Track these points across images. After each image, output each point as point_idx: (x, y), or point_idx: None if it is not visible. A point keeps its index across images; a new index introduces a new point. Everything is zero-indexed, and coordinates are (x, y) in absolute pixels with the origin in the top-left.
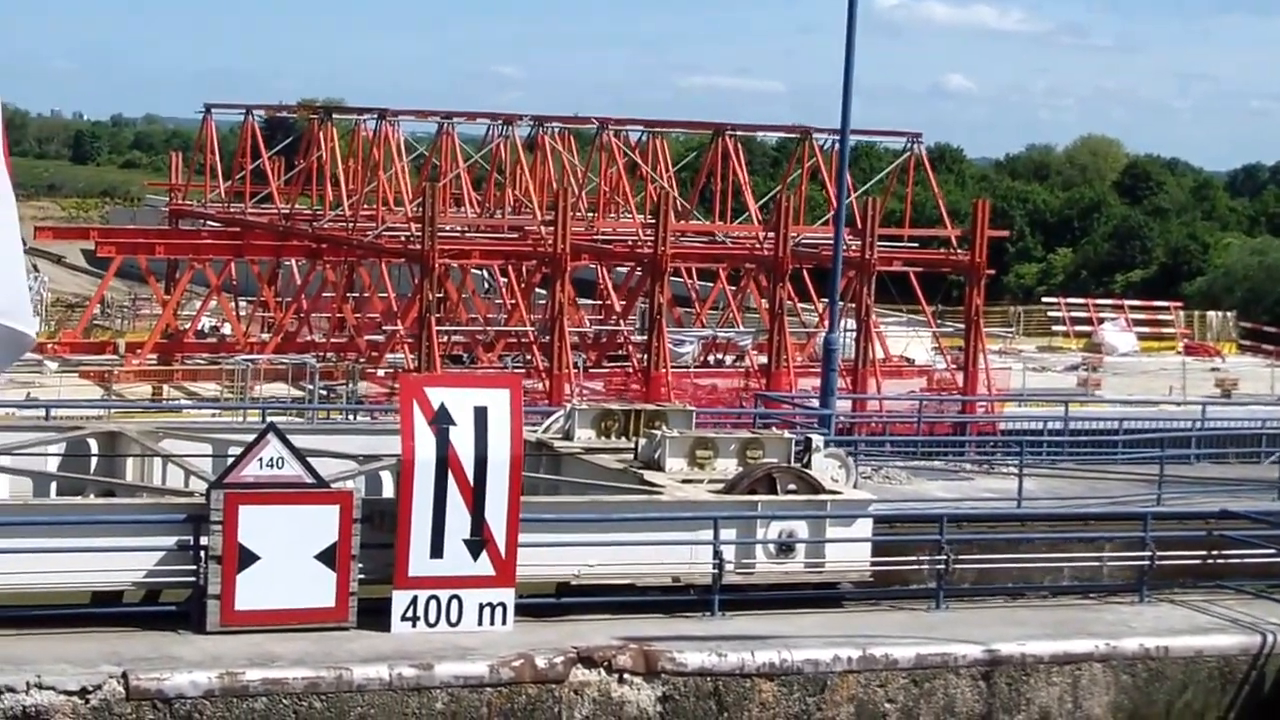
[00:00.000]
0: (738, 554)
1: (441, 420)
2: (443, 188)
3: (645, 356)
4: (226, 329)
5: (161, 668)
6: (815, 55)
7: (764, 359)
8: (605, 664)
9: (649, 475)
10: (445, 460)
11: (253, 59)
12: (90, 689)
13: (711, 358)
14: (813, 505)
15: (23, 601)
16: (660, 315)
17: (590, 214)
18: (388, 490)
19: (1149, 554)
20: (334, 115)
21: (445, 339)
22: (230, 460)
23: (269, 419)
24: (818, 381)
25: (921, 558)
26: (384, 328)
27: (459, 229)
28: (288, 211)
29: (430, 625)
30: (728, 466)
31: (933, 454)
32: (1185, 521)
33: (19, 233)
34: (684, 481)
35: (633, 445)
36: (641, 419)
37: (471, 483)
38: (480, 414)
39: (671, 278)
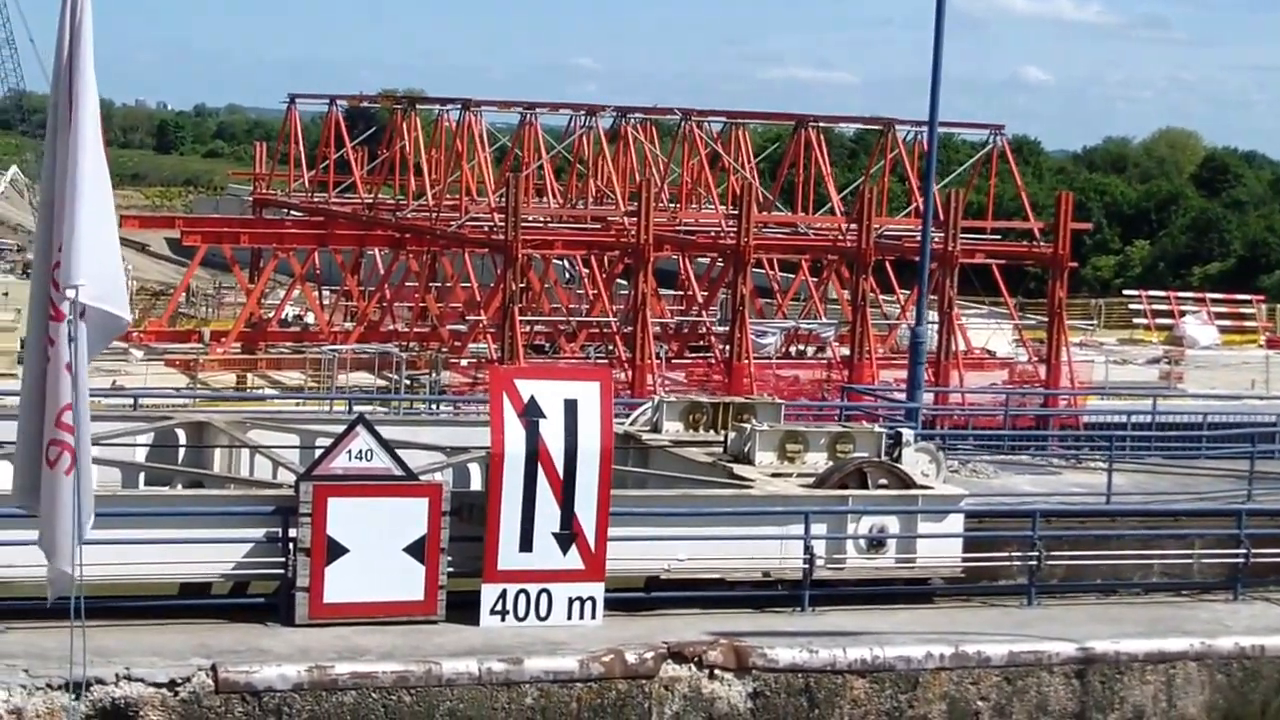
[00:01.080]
0: (828, 549)
1: (531, 413)
2: (525, 178)
3: (728, 347)
4: (310, 318)
5: (250, 660)
6: (891, 47)
7: (846, 350)
8: (696, 659)
9: (738, 469)
10: (535, 453)
11: (332, 50)
12: (179, 681)
13: (793, 349)
14: (904, 500)
15: (112, 593)
16: (743, 306)
17: (672, 205)
18: (475, 483)
19: (1244, 551)
20: (417, 105)
21: (528, 329)
22: (318, 451)
23: (358, 411)
24: (900, 373)
25: (1012, 554)
26: (467, 318)
27: (542, 219)
28: (371, 201)
29: (519, 619)
30: (817, 460)
31: (1018, 448)
32: (1278, 518)
33: (115, 219)
34: (774, 475)
35: (721, 438)
36: (730, 412)
37: (561, 476)
38: (570, 407)
39: (753, 269)
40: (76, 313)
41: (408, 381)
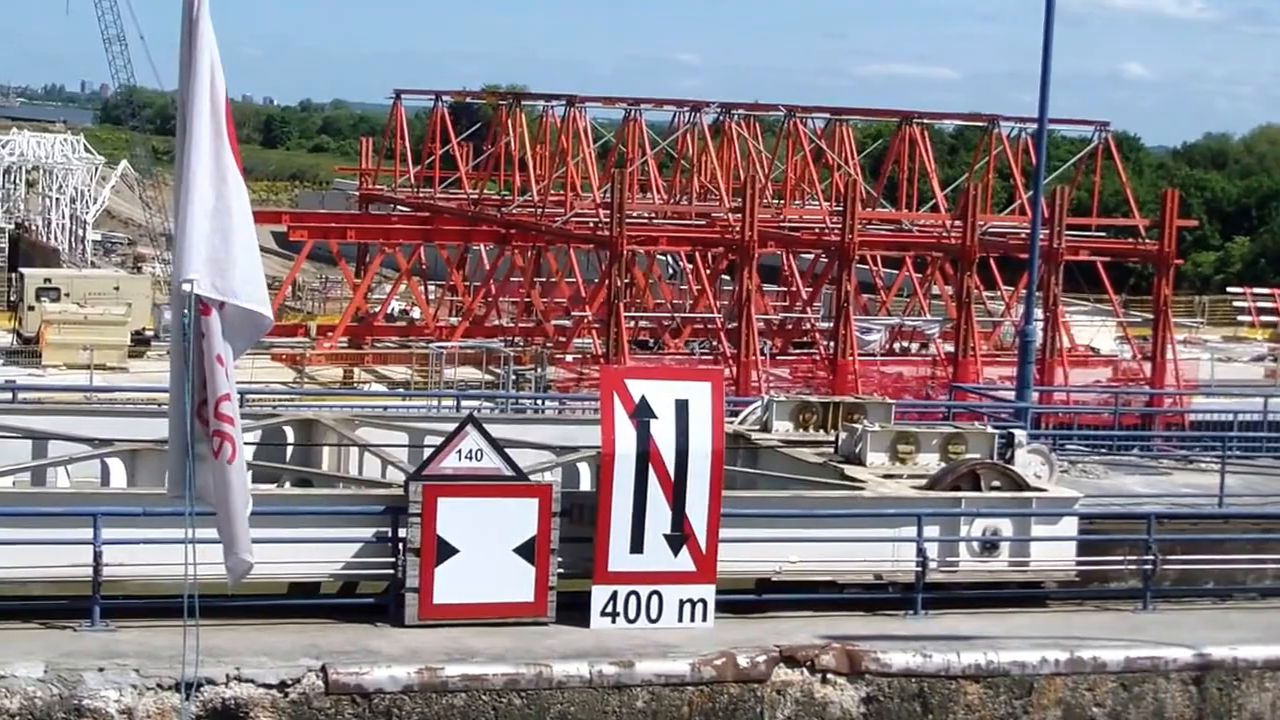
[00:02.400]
0: (941, 552)
1: (643, 413)
2: (630, 174)
3: (832, 344)
4: (416, 313)
5: (360, 661)
6: (992, 43)
7: (950, 347)
8: (808, 663)
9: (849, 470)
10: (646, 454)
11: (435, 45)
12: (289, 682)
13: (897, 346)
14: (1017, 503)
15: (222, 592)
16: (847, 303)
17: (777, 201)
18: (585, 482)
19: None
20: (522, 101)
21: (632, 325)
22: (427, 450)
23: (468, 411)
24: (1004, 370)
25: (1126, 557)
26: (571, 313)
27: (646, 215)
28: (476, 197)
29: (630, 621)
30: (929, 462)
31: (1127, 447)
32: None
33: (251, 216)
34: (885, 477)
35: (831, 438)
36: (840, 412)
37: (672, 477)
38: (682, 407)
39: (856, 265)
40: (192, 304)
41: (513, 377)
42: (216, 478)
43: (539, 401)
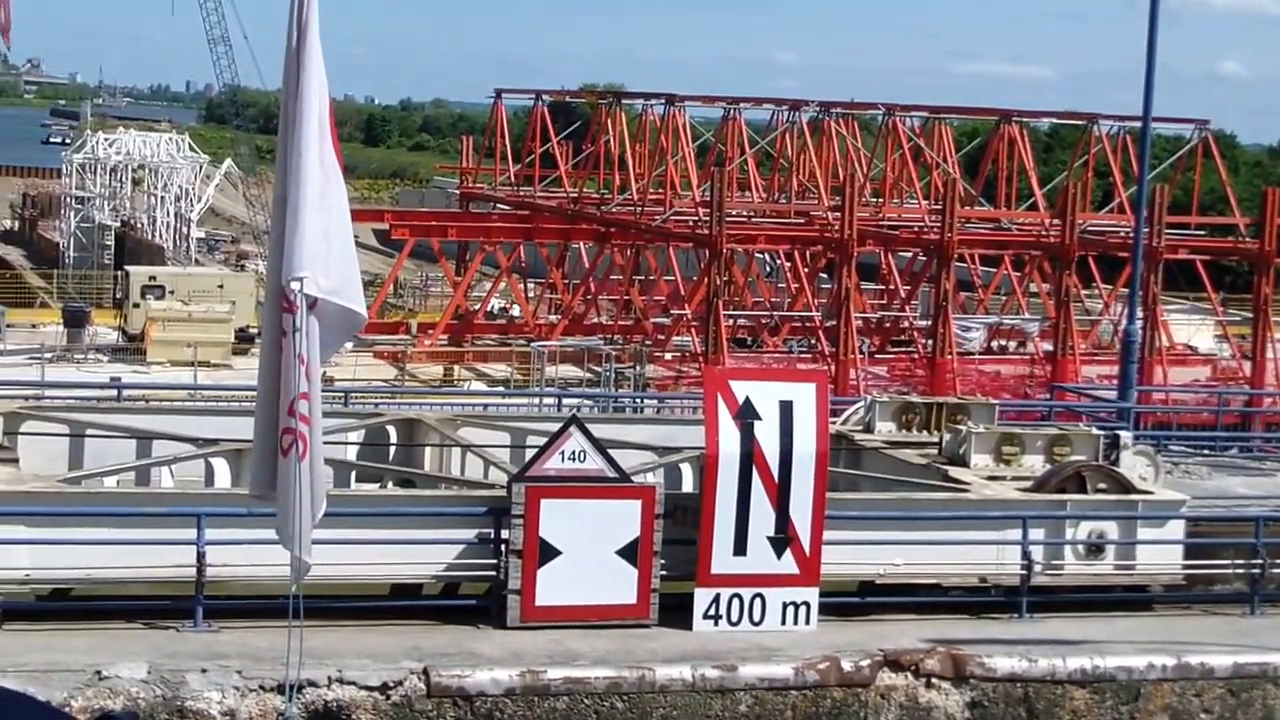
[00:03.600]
0: (1046, 555)
1: (746, 415)
2: (729, 172)
3: (930, 343)
4: (515, 310)
5: (462, 664)
6: (1086, 42)
7: (1048, 346)
8: (913, 667)
9: (953, 471)
10: (750, 455)
11: (533, 45)
12: (391, 685)
13: (994, 344)
14: (1124, 506)
15: (324, 593)
16: (946, 302)
17: (875, 199)
18: (687, 483)
19: None
20: (621, 100)
21: (730, 323)
22: (529, 450)
23: (571, 412)
24: (1102, 369)
25: (1234, 561)
26: (670, 311)
27: (745, 214)
28: (576, 195)
29: (733, 624)
30: (1034, 463)
31: (1226, 447)
32: None
33: (349, 213)
34: (989, 478)
35: (935, 439)
36: (944, 412)
37: (776, 479)
38: (786, 408)
39: (955, 263)
40: (304, 303)
41: (610, 375)
42: (281, 475)
43: (638, 400)
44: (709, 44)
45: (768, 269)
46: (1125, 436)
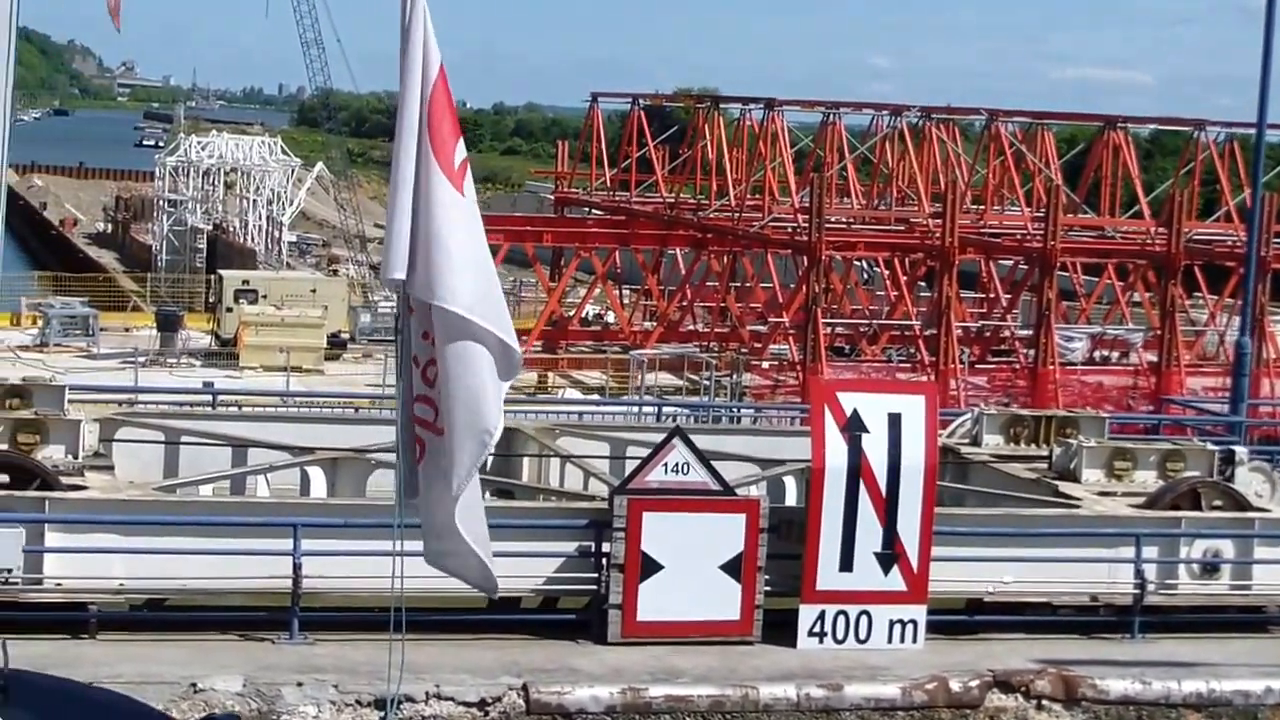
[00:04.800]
0: (1159, 573)
1: (854, 427)
2: (828, 178)
3: (1033, 352)
4: (610, 317)
5: (562, 680)
6: (1188, 46)
7: (1151, 357)
8: (1023, 689)
9: (1064, 486)
10: (857, 469)
11: (626, 49)
12: (489, 701)
13: (1097, 355)
14: (1240, 524)
15: (421, 605)
16: (1049, 311)
17: (976, 206)
18: (790, 497)
19: None
20: (720, 105)
21: (828, 331)
22: (628, 461)
23: (673, 422)
24: (1207, 381)
25: None
26: (767, 319)
27: (844, 220)
28: (673, 200)
29: (838, 642)
30: (1146, 479)
31: None
32: None
33: (480, 233)
34: (1100, 494)
35: (1044, 453)
36: (1053, 426)
37: (884, 493)
38: (894, 420)
39: (1057, 272)
40: (403, 303)
41: (706, 382)
42: (409, 479)
43: (735, 410)
44: (802, 48)
45: (865, 276)
46: (1241, 452)
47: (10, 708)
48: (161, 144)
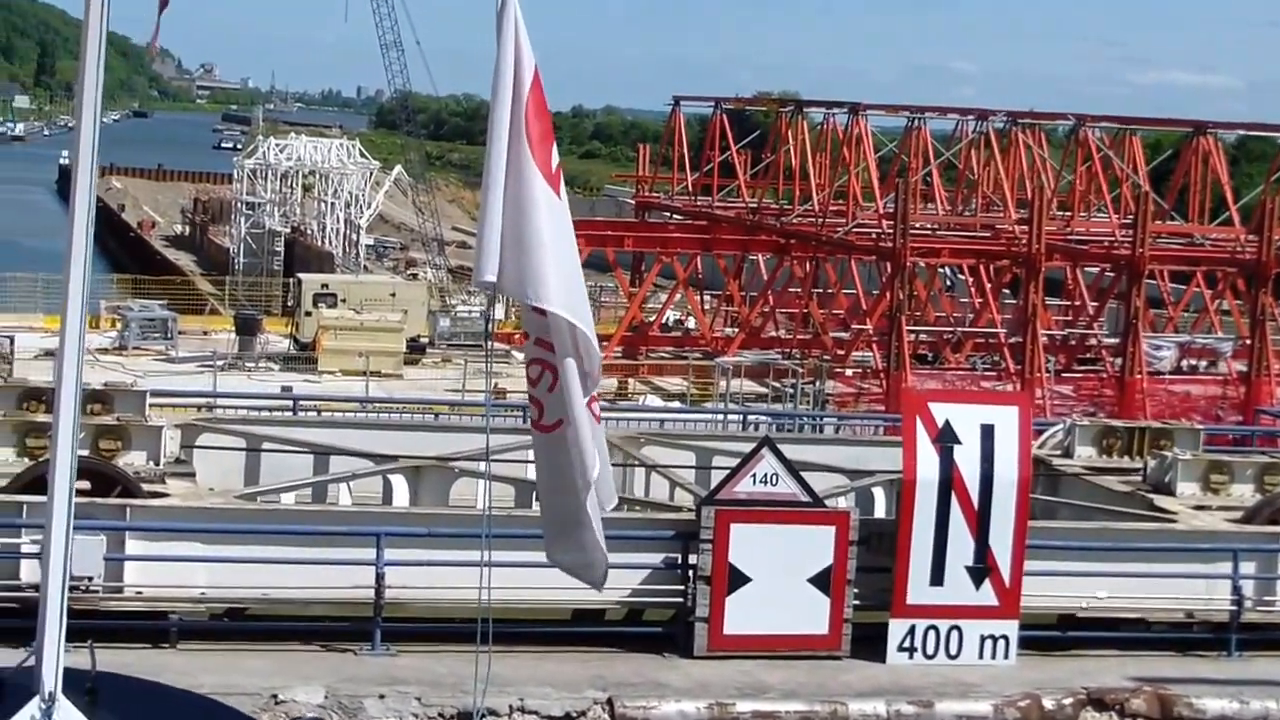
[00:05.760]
0: (1256, 590)
1: (946, 439)
2: (912, 184)
3: (1120, 361)
4: (691, 323)
5: (648, 695)
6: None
7: (1242, 366)
8: (1117, 707)
9: (1158, 500)
10: (949, 481)
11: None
12: (575, 715)
13: (1185, 364)
14: None
15: (505, 617)
16: (1137, 319)
17: (1062, 213)
18: (879, 509)
19: None
20: (803, 109)
21: (912, 338)
22: (714, 471)
23: (763, 432)
24: None
25: None
26: (851, 326)
27: (929, 226)
28: (755, 206)
29: (928, 657)
30: (1243, 492)
31: None
32: None
33: (570, 235)
34: (1196, 508)
35: (1138, 466)
36: (1146, 437)
37: (976, 506)
38: (987, 432)
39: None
40: (490, 301)
41: (789, 390)
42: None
43: (819, 419)
44: (885, 51)
45: (949, 283)
46: None
47: (99, 709)
48: (239, 146)
